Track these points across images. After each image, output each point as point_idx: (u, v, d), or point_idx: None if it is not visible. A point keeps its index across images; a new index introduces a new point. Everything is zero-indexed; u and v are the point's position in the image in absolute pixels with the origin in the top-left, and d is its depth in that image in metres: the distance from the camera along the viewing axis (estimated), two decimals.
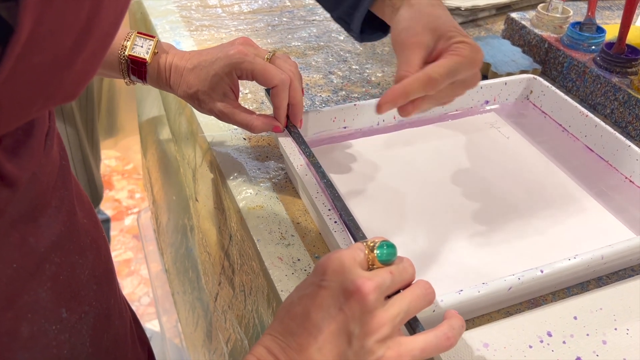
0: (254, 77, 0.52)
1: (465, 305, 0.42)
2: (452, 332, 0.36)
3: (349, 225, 0.44)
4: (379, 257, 0.36)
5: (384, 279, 0.35)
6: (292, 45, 0.84)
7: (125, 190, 2.01)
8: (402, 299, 0.35)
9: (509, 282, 0.43)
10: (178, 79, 0.54)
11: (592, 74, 0.72)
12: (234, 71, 0.52)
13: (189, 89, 0.54)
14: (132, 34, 0.54)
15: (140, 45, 0.54)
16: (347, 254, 0.35)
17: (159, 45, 0.55)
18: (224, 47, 0.53)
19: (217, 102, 0.54)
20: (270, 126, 0.55)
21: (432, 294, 0.37)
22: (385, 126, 0.64)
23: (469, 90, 0.50)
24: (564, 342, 0.44)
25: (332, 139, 0.61)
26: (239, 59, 0.52)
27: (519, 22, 0.83)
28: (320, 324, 0.33)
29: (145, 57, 0.54)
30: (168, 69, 0.55)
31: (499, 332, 0.44)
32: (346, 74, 0.77)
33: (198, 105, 0.55)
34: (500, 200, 0.56)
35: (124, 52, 0.53)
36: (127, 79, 0.56)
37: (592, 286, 0.50)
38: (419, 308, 0.36)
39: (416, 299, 0.36)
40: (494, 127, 0.65)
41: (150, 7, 0.90)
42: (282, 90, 0.53)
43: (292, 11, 0.94)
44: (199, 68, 0.53)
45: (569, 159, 0.61)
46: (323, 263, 0.35)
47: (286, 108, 0.55)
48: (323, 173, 0.49)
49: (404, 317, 0.35)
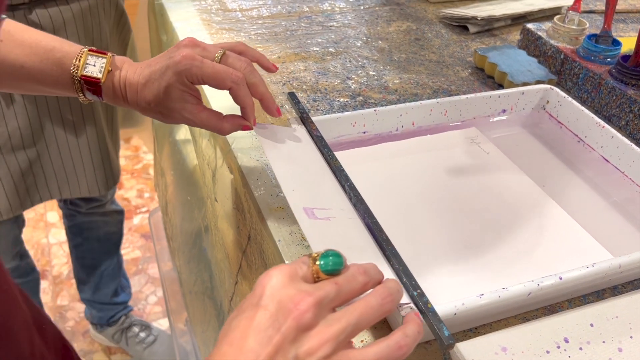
0: (205, 81, 0.50)
1: (485, 309, 0.43)
2: (405, 341, 0.34)
3: (372, 228, 0.45)
4: (322, 268, 0.34)
5: (327, 292, 0.33)
6: (310, 50, 0.85)
7: (135, 189, 2.02)
8: (351, 312, 0.33)
9: (528, 287, 0.43)
10: (134, 95, 0.53)
11: (607, 86, 0.73)
12: (185, 78, 0.50)
13: (148, 105, 0.52)
14: (84, 52, 0.53)
15: (93, 64, 0.52)
16: (287, 269, 0.34)
17: (112, 62, 0.53)
18: (171, 52, 0.51)
19: (179, 110, 0.52)
20: (239, 126, 0.53)
21: (391, 302, 0.35)
22: (405, 132, 0.65)
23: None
24: (581, 348, 0.45)
25: (351, 143, 0.62)
26: (186, 65, 0.49)
27: (535, 33, 0.84)
28: (257, 349, 0.31)
29: (98, 76, 0.52)
30: (123, 86, 0.53)
31: (516, 336, 0.45)
32: (364, 79, 0.78)
33: (162, 118, 0.53)
34: (479, 216, 0.56)
35: (76, 72, 0.52)
36: (82, 98, 0.54)
37: (608, 294, 0.51)
38: (372, 319, 0.34)
39: (369, 311, 0.34)
40: (475, 143, 0.65)
41: (171, 10, 0.91)
42: (239, 90, 0.51)
43: (310, 17, 0.95)
44: (150, 82, 0.51)
45: (584, 169, 0.62)
46: (261, 280, 0.34)
47: (252, 106, 0.52)
48: (346, 176, 0.50)
49: (353, 331, 0.33)
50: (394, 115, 0.63)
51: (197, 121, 0.52)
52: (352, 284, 0.35)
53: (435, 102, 0.64)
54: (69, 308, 1.59)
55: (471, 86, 0.79)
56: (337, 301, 0.34)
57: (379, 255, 0.44)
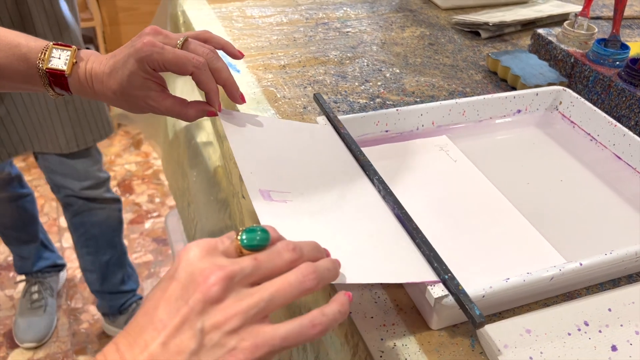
0: (167, 67, 0.50)
1: (511, 292, 0.45)
2: (320, 319, 0.34)
3: (402, 218, 0.48)
4: (242, 243, 0.34)
5: (243, 267, 0.33)
6: (329, 55, 0.88)
7: (146, 194, 2.05)
8: (266, 288, 0.33)
9: (550, 272, 0.46)
10: (100, 86, 0.53)
11: (617, 88, 0.76)
12: (146, 64, 0.50)
13: (113, 94, 0.52)
14: (49, 46, 0.53)
15: (58, 57, 0.53)
16: (207, 242, 0.34)
17: (78, 54, 0.54)
18: (134, 41, 0.51)
19: (144, 98, 0.52)
20: (204, 112, 0.53)
21: (313, 280, 0.34)
22: (424, 130, 0.68)
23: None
24: (600, 331, 0.47)
25: (374, 140, 0.65)
26: (147, 51, 0.49)
27: (545, 38, 0.88)
28: (166, 320, 0.31)
29: (63, 68, 0.52)
30: (89, 77, 0.53)
31: (539, 320, 0.47)
32: (381, 82, 0.82)
33: (128, 107, 0.54)
34: (442, 220, 0.56)
35: (42, 66, 0.52)
36: (52, 92, 0.55)
37: (623, 282, 0.53)
38: (289, 297, 0.33)
39: (286, 287, 0.33)
40: (443, 150, 0.65)
41: (194, 17, 0.95)
42: (201, 75, 0.51)
43: (326, 23, 0.99)
44: (114, 71, 0.51)
45: (597, 166, 0.65)
46: (180, 253, 0.34)
47: (216, 90, 0.53)
48: (374, 171, 0.53)
49: (267, 306, 0.33)
50: (415, 115, 0.66)
51: (161, 108, 0.53)
52: (275, 261, 0.34)
53: (454, 102, 0.67)
54: (83, 310, 1.61)
55: (485, 88, 0.82)
56: (255, 277, 0.33)
57: (327, 238, 0.43)
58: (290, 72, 0.82)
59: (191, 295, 0.32)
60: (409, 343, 0.46)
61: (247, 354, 0.32)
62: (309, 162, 0.54)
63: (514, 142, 0.69)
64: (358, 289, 0.50)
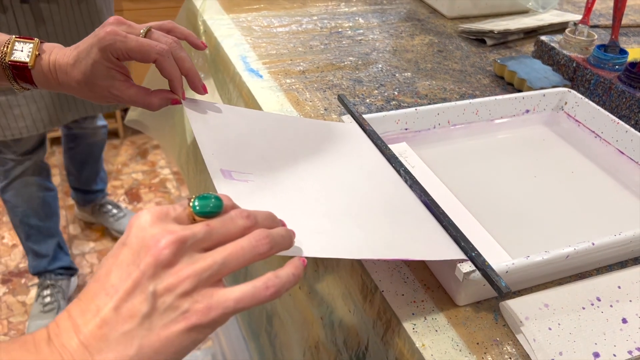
0: (130, 55, 0.50)
1: (531, 269, 0.50)
2: (273, 282, 0.34)
3: (429, 205, 0.52)
4: (194, 210, 0.34)
5: (194, 233, 0.33)
6: (345, 61, 0.93)
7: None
8: (219, 252, 0.33)
9: (566, 251, 0.51)
10: (64, 77, 0.53)
11: (617, 90, 0.81)
12: (110, 53, 0.50)
13: (78, 85, 0.53)
14: (12, 39, 0.53)
15: (20, 49, 0.53)
16: (158, 209, 0.34)
17: (40, 47, 0.53)
18: (97, 31, 0.51)
19: (107, 88, 0.52)
20: (168, 100, 0.54)
21: (266, 245, 0.34)
22: (440, 129, 0.72)
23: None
24: (611, 305, 0.52)
25: (395, 138, 0.70)
26: (110, 40, 0.50)
27: (548, 44, 0.93)
28: (117, 284, 0.32)
29: (26, 60, 0.52)
30: (53, 69, 0.53)
31: (556, 295, 0.52)
32: (396, 86, 0.86)
33: (92, 97, 0.54)
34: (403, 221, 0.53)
35: (4, 59, 0.52)
36: (16, 86, 0.55)
37: (630, 264, 0.58)
38: (242, 261, 0.34)
39: (239, 251, 0.34)
40: (402, 157, 0.64)
41: (214, 26, 1.00)
42: (165, 62, 0.51)
43: (340, 32, 1.04)
44: (78, 61, 0.52)
45: (602, 160, 0.70)
46: (131, 220, 0.34)
47: (180, 78, 0.53)
48: (400, 163, 0.58)
49: (219, 270, 0.33)
50: (432, 114, 0.71)
51: (125, 98, 0.53)
52: (228, 227, 0.34)
53: (468, 102, 0.72)
54: None
55: (493, 91, 0.87)
56: (208, 242, 0.34)
57: (283, 215, 0.41)
58: (310, 77, 0.87)
59: (142, 260, 0.32)
60: (437, 317, 0.50)
61: (200, 315, 0.32)
62: (277, 149, 0.54)
63: (524, 139, 0.74)
64: (388, 270, 0.54)
